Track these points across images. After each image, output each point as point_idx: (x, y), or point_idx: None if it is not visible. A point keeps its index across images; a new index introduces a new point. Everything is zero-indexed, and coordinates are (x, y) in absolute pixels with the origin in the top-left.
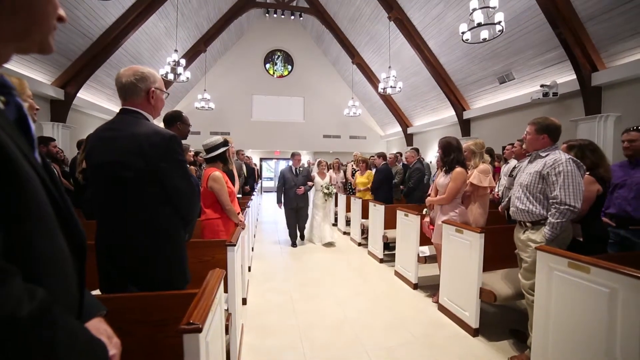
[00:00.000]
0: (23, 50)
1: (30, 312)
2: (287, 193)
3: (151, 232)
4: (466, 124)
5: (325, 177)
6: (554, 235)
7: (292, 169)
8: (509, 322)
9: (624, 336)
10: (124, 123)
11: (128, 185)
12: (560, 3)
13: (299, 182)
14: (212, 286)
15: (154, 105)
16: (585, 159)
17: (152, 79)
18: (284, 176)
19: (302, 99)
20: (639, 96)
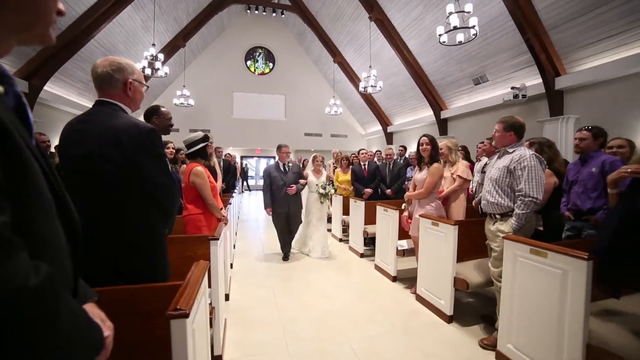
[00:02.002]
0: (25, 41)
1: (38, 283)
2: (275, 195)
3: (130, 227)
4: (443, 124)
5: (321, 175)
6: (520, 225)
7: (279, 165)
8: (480, 309)
9: (572, 312)
10: (100, 115)
11: (104, 178)
12: (527, 11)
13: (289, 180)
14: (197, 276)
15: (132, 97)
16: (544, 154)
17: (129, 70)
18: (269, 174)
19: (284, 97)
20: (595, 100)
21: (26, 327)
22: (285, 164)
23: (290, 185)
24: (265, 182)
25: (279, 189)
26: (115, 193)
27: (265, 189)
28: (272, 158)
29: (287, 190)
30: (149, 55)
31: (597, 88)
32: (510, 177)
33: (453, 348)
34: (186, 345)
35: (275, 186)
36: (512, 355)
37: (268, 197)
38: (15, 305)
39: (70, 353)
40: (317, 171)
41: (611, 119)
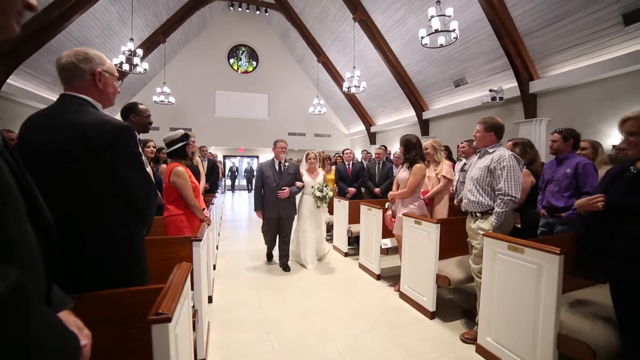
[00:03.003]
0: None
1: (6, 291)
2: (266, 196)
3: (103, 230)
4: (425, 124)
5: (317, 176)
6: (499, 223)
7: (275, 163)
8: (460, 304)
9: (545, 304)
10: (64, 110)
11: (68, 179)
12: (504, 17)
13: (285, 182)
14: (179, 278)
15: (103, 91)
16: (527, 154)
17: (97, 60)
18: (262, 173)
19: (267, 96)
20: (565, 103)
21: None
22: (281, 162)
23: (283, 187)
24: (257, 182)
25: (271, 191)
26: (83, 194)
27: (256, 189)
28: (255, 158)
29: (278, 193)
30: (127, 50)
31: (567, 92)
32: (490, 176)
33: (436, 343)
34: (169, 351)
35: (267, 187)
36: (491, 347)
37: (259, 198)
38: None
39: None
40: (312, 170)
41: (579, 121)
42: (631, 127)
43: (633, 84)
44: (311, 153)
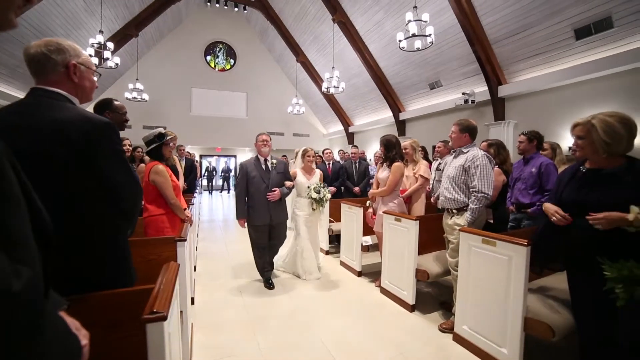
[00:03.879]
0: None
1: (21, 289)
2: (253, 200)
3: (90, 232)
4: (402, 125)
5: (314, 175)
6: (474, 219)
7: (260, 161)
8: (438, 297)
9: (514, 291)
10: (39, 106)
11: (47, 181)
12: (475, 25)
13: (274, 182)
14: (170, 278)
15: (79, 85)
16: (500, 154)
17: (72, 52)
18: (246, 173)
19: (245, 95)
20: (529, 107)
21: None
22: (267, 159)
23: (272, 188)
24: (240, 184)
25: (258, 194)
26: (65, 196)
27: (239, 193)
28: (232, 157)
29: (268, 195)
30: (96, 43)
31: (531, 97)
32: (465, 174)
33: (416, 334)
34: (164, 351)
35: (253, 189)
36: (467, 335)
37: (243, 203)
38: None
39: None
40: (308, 170)
41: (542, 124)
42: (579, 132)
43: (586, 92)
44: (310, 150)
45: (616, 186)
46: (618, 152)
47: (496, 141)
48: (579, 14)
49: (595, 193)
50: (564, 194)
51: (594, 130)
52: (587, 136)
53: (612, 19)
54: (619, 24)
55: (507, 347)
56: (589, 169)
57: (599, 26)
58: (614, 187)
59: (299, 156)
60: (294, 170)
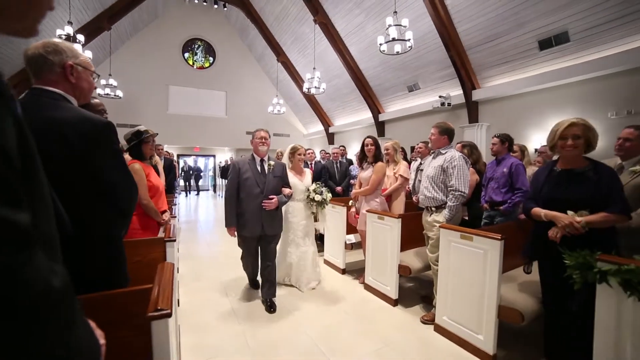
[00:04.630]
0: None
1: (59, 285)
2: (244, 206)
3: (89, 233)
4: (381, 126)
5: (304, 176)
6: (452, 216)
7: (256, 161)
8: (419, 291)
9: (489, 282)
10: (36, 105)
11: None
12: (451, 32)
13: (270, 187)
14: (167, 277)
15: (77, 85)
16: (473, 155)
17: (69, 53)
18: (239, 174)
19: (225, 94)
20: (500, 111)
21: (50, 330)
22: (264, 160)
23: (269, 195)
24: (231, 186)
25: (251, 199)
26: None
27: (229, 197)
28: (211, 157)
29: (264, 203)
30: (64, 34)
31: (501, 101)
32: (443, 174)
33: (400, 327)
34: (168, 347)
35: (244, 193)
36: (447, 325)
37: (234, 209)
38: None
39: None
40: (298, 170)
41: (512, 127)
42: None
43: (549, 98)
44: (300, 147)
45: (584, 184)
46: (589, 151)
47: (469, 142)
48: (541, 27)
49: (569, 190)
50: (543, 191)
51: (588, 131)
52: (583, 135)
53: (568, 34)
54: (574, 39)
55: (483, 334)
56: (563, 170)
57: (558, 39)
58: (583, 185)
59: (287, 155)
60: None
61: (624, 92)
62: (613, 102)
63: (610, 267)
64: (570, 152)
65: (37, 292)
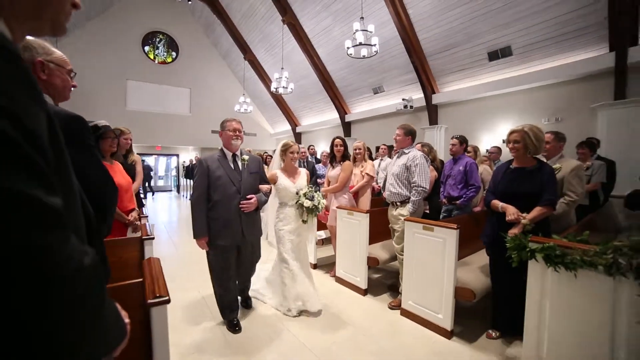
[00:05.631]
0: (36, 30)
1: (90, 264)
2: (217, 211)
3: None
4: (347, 126)
5: (299, 177)
6: (415, 209)
7: (227, 156)
8: (385, 281)
9: (447, 267)
10: None
11: None
12: (413, 39)
13: (247, 185)
14: (157, 269)
15: (48, 82)
16: (431, 153)
17: (39, 50)
18: (208, 173)
19: (189, 90)
20: (456, 114)
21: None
22: (236, 155)
23: (246, 195)
24: (199, 187)
25: (226, 200)
26: None
27: (198, 201)
28: (174, 156)
29: (241, 205)
30: None
31: (457, 105)
32: (407, 172)
33: (369, 313)
34: (167, 331)
35: (218, 195)
36: (412, 308)
37: (204, 215)
38: (75, 283)
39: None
40: (291, 170)
41: (467, 129)
42: (517, 137)
43: (498, 104)
44: (293, 144)
45: (532, 181)
46: (537, 153)
47: (428, 144)
48: (490, 41)
49: (520, 185)
50: (499, 186)
51: (527, 136)
52: (522, 140)
53: (511, 48)
54: (516, 53)
55: (442, 313)
56: (516, 168)
57: (503, 52)
58: (531, 181)
59: (278, 153)
60: (273, 172)
61: (555, 101)
62: (546, 110)
63: (537, 246)
64: (513, 154)
65: (73, 268)
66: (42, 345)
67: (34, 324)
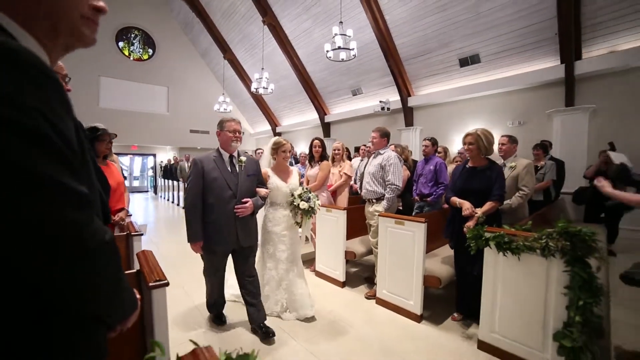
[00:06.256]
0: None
1: (110, 239)
2: (212, 215)
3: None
4: (327, 127)
5: (291, 177)
6: (389, 206)
7: (224, 158)
8: (361, 274)
9: (417, 257)
10: None
11: None
12: (390, 44)
13: (245, 189)
14: (152, 259)
15: None
16: (404, 154)
17: None
18: (203, 174)
19: (166, 89)
20: (430, 116)
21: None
22: (233, 156)
23: (241, 198)
24: (193, 189)
25: (222, 204)
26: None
27: (193, 204)
28: (151, 156)
29: (237, 209)
30: None
31: (431, 108)
32: (382, 171)
33: (347, 304)
34: (166, 311)
35: (214, 198)
36: (386, 297)
37: (199, 219)
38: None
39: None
40: (283, 170)
41: (440, 131)
42: (471, 140)
43: (468, 108)
44: (285, 142)
45: (484, 178)
46: (488, 154)
47: (402, 145)
48: (461, 48)
49: (474, 182)
50: (457, 184)
51: (480, 139)
52: (475, 142)
53: (479, 56)
54: (484, 60)
55: (413, 299)
56: (471, 167)
57: (472, 59)
58: (483, 179)
59: (268, 151)
60: (264, 171)
61: (517, 106)
62: (511, 113)
63: (490, 235)
64: (468, 154)
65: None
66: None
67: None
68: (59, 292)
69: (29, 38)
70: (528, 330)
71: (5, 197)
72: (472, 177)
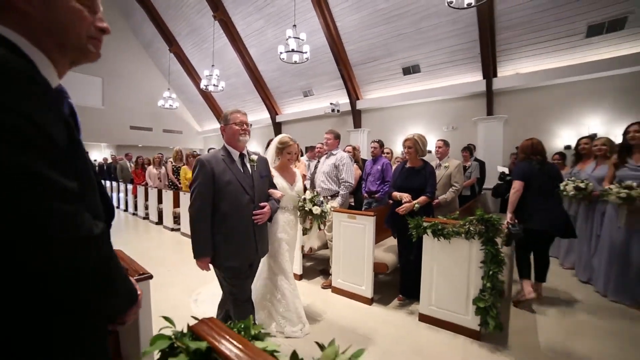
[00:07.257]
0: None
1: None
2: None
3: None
4: (278, 126)
5: (295, 178)
6: (343, 201)
7: (234, 156)
8: (316, 267)
9: (367, 248)
10: None
11: None
12: (340, 49)
13: (260, 192)
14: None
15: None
16: (356, 155)
17: None
18: (213, 175)
19: (101, 80)
20: (377, 119)
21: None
22: (244, 155)
23: (258, 203)
24: (204, 195)
25: (239, 211)
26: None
27: (202, 213)
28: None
29: (255, 216)
30: None
31: (377, 112)
32: (336, 170)
33: (305, 295)
34: (150, 304)
35: (229, 205)
36: (341, 285)
37: (208, 231)
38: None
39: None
40: (287, 170)
41: (385, 133)
42: (410, 144)
43: (410, 113)
44: (292, 141)
45: (419, 177)
46: (423, 156)
47: (355, 145)
48: (403, 58)
49: (411, 181)
50: (397, 182)
51: (417, 143)
52: (413, 146)
53: (420, 67)
54: (424, 71)
55: (364, 285)
56: (409, 167)
57: (414, 69)
58: (418, 178)
59: (273, 149)
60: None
61: (451, 113)
62: (446, 119)
63: (427, 224)
64: (407, 156)
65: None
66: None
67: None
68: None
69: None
70: (456, 300)
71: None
72: (410, 176)
